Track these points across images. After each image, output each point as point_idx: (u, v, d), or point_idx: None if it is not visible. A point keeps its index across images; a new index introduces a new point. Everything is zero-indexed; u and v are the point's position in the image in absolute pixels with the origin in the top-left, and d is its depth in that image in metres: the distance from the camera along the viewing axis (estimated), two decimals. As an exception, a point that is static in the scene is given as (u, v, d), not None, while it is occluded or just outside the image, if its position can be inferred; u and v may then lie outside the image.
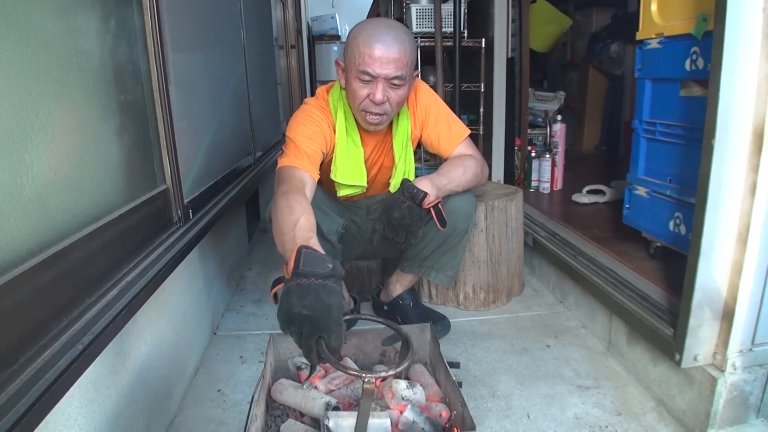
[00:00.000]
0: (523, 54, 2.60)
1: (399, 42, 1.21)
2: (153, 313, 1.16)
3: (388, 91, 1.25)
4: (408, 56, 1.23)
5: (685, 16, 1.29)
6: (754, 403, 1.11)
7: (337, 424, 0.95)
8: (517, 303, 1.83)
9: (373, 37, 1.20)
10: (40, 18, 0.84)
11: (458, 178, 1.36)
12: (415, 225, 1.27)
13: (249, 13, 2.46)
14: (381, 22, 1.26)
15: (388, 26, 1.23)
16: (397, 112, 1.33)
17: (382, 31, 1.21)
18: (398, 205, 1.27)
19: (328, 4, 5.16)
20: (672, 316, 1.21)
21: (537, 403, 1.26)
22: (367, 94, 1.25)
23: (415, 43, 1.31)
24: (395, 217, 1.26)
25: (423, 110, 1.44)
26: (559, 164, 2.50)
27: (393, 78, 1.23)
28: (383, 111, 1.27)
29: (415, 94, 1.44)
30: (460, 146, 1.45)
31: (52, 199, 0.85)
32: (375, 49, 1.19)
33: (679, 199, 1.36)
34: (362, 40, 1.21)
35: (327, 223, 1.36)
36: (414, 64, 1.28)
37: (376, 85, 1.23)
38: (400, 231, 1.27)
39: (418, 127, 1.45)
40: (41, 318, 0.79)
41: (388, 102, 1.26)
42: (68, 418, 0.79)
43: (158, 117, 1.29)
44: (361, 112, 1.30)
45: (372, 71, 1.21)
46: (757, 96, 0.97)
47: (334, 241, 1.42)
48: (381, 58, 1.20)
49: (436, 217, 1.29)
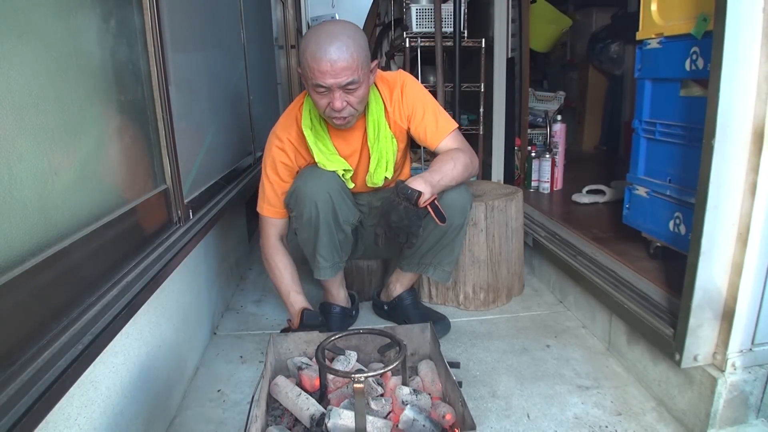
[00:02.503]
0: (523, 54, 2.60)
1: (344, 49, 1.21)
2: (153, 313, 1.16)
3: (345, 96, 1.27)
4: (357, 59, 1.23)
5: (685, 16, 1.29)
6: (754, 403, 1.11)
7: (336, 425, 0.95)
8: (517, 303, 1.83)
9: (319, 51, 1.21)
10: (40, 18, 0.84)
11: (450, 172, 1.37)
12: (414, 225, 1.28)
13: (249, 13, 2.46)
14: (324, 30, 1.24)
15: (331, 35, 1.22)
16: (362, 109, 1.36)
17: (325, 42, 1.21)
18: (395, 208, 1.28)
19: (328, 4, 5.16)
20: (672, 316, 1.21)
21: (537, 403, 1.26)
22: (327, 103, 1.28)
23: (365, 40, 1.30)
24: (393, 220, 1.27)
25: (409, 104, 1.45)
26: (559, 164, 2.50)
27: (346, 84, 1.24)
28: (347, 114, 1.31)
29: (402, 87, 1.45)
30: (447, 139, 1.45)
31: (52, 199, 0.85)
32: (322, 63, 1.20)
33: (679, 199, 1.36)
34: (309, 54, 1.22)
35: (345, 212, 1.41)
36: (367, 61, 1.29)
37: (333, 95, 1.25)
38: (400, 233, 1.28)
39: (404, 120, 1.46)
40: (41, 318, 0.79)
41: (348, 105, 1.29)
42: (68, 418, 0.79)
43: (158, 117, 1.29)
44: (328, 118, 1.35)
45: (324, 83, 1.23)
46: (757, 96, 0.97)
47: (348, 232, 1.46)
48: (330, 71, 1.21)
49: (434, 214, 1.29)
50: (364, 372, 1.08)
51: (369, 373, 0.99)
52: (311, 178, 1.38)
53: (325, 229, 1.40)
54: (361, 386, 0.92)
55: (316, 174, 1.39)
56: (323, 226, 1.39)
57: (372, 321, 1.71)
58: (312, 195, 1.36)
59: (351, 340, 1.26)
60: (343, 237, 1.46)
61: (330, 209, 1.38)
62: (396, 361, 1.04)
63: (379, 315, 1.74)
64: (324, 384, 1.13)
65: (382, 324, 1.67)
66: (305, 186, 1.37)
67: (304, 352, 1.27)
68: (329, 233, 1.42)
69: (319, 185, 1.36)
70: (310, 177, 1.39)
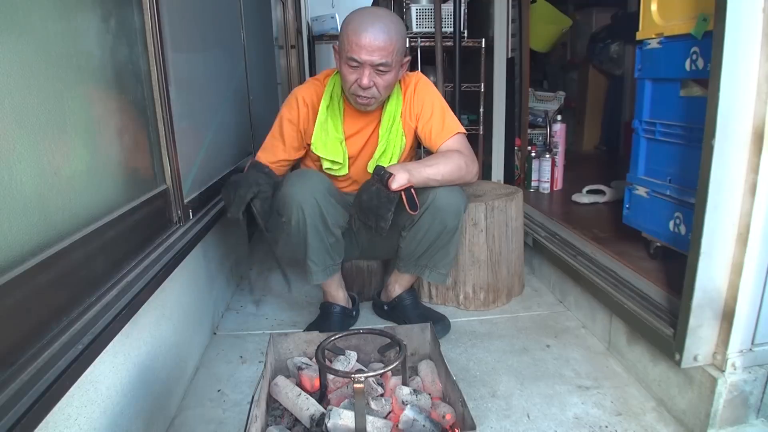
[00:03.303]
0: (523, 54, 2.60)
1: (385, 31, 1.29)
2: (153, 313, 1.16)
3: (374, 76, 1.34)
4: (394, 45, 1.31)
5: (685, 16, 1.29)
6: (754, 403, 1.11)
7: (336, 425, 0.95)
8: (517, 303, 1.83)
9: (361, 26, 1.29)
10: (40, 18, 0.84)
11: (435, 166, 1.36)
12: (383, 207, 1.26)
13: (249, 13, 2.46)
14: (371, 11, 1.34)
15: (377, 16, 1.31)
16: (385, 96, 1.42)
17: (369, 20, 1.30)
18: (367, 188, 1.29)
19: (328, 4, 5.16)
20: (672, 316, 1.21)
21: (537, 403, 1.26)
22: (355, 79, 1.34)
23: (405, 31, 1.38)
24: (363, 200, 1.29)
25: (419, 102, 1.49)
26: (559, 164, 2.50)
27: (378, 65, 1.31)
28: (371, 95, 1.37)
29: (415, 86, 1.50)
30: (450, 140, 1.46)
31: (52, 199, 0.85)
32: (362, 38, 1.28)
33: (679, 199, 1.36)
34: (351, 28, 1.30)
35: (333, 215, 1.40)
36: (402, 51, 1.36)
37: (363, 71, 1.32)
38: (369, 214, 1.28)
39: (413, 118, 1.49)
40: (41, 318, 0.79)
41: (375, 87, 1.35)
42: (68, 418, 0.79)
43: (158, 117, 1.29)
44: (351, 95, 1.40)
45: (358, 58, 1.30)
46: (757, 96, 0.97)
47: (338, 235, 1.45)
48: (367, 46, 1.28)
49: (405, 200, 1.28)
50: (364, 372, 1.08)
51: (369, 373, 0.99)
52: (296, 183, 1.36)
53: (314, 234, 1.39)
54: (361, 386, 0.92)
55: (301, 179, 1.37)
56: (311, 231, 1.38)
57: (372, 321, 1.71)
58: (298, 200, 1.34)
59: (351, 340, 1.25)
60: (334, 240, 1.45)
61: (317, 213, 1.36)
62: (396, 361, 1.04)
63: (379, 315, 1.74)
64: (324, 384, 1.13)
65: (382, 324, 1.67)
66: (291, 191, 1.35)
67: (304, 352, 1.27)
68: (318, 237, 1.40)
69: (304, 190, 1.35)
70: (296, 181, 1.37)
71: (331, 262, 1.49)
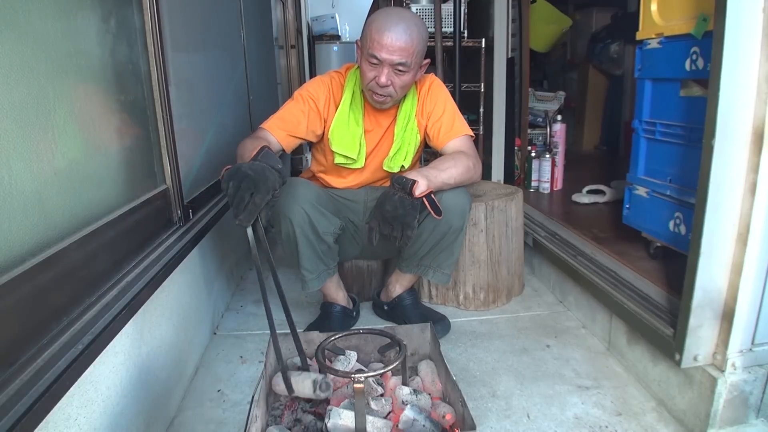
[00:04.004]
0: (523, 54, 2.60)
1: (407, 32, 1.31)
2: (153, 313, 1.16)
3: (392, 75, 1.35)
4: (415, 46, 1.33)
5: (685, 16, 1.29)
6: (754, 403, 1.11)
7: (336, 425, 0.95)
8: (517, 303, 1.83)
9: (385, 25, 1.31)
10: (40, 18, 0.84)
11: (448, 169, 1.37)
12: (409, 215, 1.26)
13: (249, 13, 2.46)
14: (397, 12, 1.36)
15: (401, 17, 1.33)
16: (401, 95, 1.44)
17: (394, 20, 1.32)
18: (389, 198, 1.27)
19: (328, 4, 5.16)
20: (672, 316, 1.21)
21: (537, 403, 1.26)
22: (374, 77, 1.36)
23: (427, 35, 1.40)
24: (388, 210, 1.26)
25: (432, 101, 1.51)
26: (559, 164, 2.50)
27: (397, 64, 1.33)
28: (387, 93, 1.39)
29: (429, 86, 1.53)
30: (456, 140, 1.47)
31: (52, 199, 0.85)
32: (384, 37, 1.30)
33: (679, 199, 1.36)
34: (375, 26, 1.32)
35: (323, 224, 1.39)
36: (422, 54, 1.38)
37: (382, 69, 1.34)
38: (395, 224, 1.26)
39: (425, 116, 1.52)
40: (41, 318, 0.79)
41: (392, 86, 1.37)
42: (68, 418, 0.79)
43: (158, 117, 1.29)
44: (368, 91, 1.42)
45: (379, 56, 1.32)
46: (757, 96, 0.97)
47: (330, 242, 1.43)
48: (388, 46, 1.30)
49: (429, 206, 1.28)
50: (364, 372, 1.08)
51: (369, 373, 0.99)
52: (283, 195, 1.33)
53: (305, 243, 1.38)
54: (361, 386, 0.92)
55: (290, 190, 1.35)
56: (302, 240, 1.37)
57: (372, 321, 1.71)
58: (286, 212, 1.34)
59: (351, 340, 1.25)
60: (326, 248, 1.43)
61: (306, 223, 1.35)
62: (396, 361, 1.04)
63: (379, 315, 1.73)
64: None
65: (382, 324, 1.67)
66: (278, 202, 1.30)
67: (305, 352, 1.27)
68: (310, 246, 1.40)
69: (291, 201, 1.34)
70: (284, 193, 1.34)
71: (324, 268, 1.48)
